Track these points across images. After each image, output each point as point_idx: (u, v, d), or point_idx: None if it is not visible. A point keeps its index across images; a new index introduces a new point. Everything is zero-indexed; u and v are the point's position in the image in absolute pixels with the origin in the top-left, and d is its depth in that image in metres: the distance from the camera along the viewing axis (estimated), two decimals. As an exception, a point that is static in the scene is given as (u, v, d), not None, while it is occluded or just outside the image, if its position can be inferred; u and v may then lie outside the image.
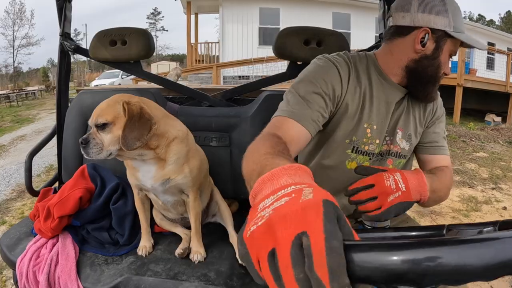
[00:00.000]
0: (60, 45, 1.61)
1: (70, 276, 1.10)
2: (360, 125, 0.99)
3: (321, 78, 0.93)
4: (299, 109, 0.89)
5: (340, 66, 0.96)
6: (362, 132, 0.99)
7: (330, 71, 0.95)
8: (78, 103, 1.57)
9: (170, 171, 1.12)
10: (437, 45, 0.92)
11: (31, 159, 1.52)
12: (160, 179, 1.11)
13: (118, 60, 1.57)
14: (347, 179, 0.97)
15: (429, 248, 0.34)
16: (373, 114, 0.99)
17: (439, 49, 0.93)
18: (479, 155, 5.45)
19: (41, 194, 1.45)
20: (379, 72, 1.00)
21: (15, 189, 4.04)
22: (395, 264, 0.33)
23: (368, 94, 0.99)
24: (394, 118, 1.04)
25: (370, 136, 1.00)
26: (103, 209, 1.30)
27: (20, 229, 1.33)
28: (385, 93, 1.00)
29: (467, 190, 3.87)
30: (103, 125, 1.03)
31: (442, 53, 0.93)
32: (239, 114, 1.49)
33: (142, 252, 1.18)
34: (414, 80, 0.97)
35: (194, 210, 1.19)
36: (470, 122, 7.73)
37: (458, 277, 0.34)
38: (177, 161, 1.12)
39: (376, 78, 1.00)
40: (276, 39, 1.48)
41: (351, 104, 0.97)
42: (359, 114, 0.99)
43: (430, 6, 0.90)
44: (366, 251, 0.34)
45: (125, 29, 1.54)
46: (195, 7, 12.59)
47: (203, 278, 1.08)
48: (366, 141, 1.01)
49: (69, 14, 1.62)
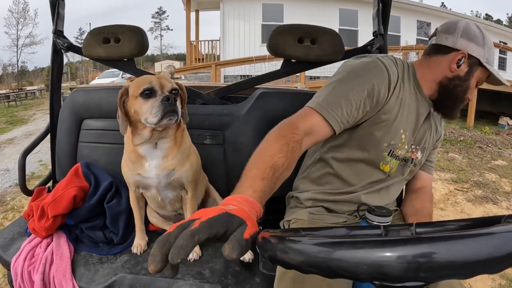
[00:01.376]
0: (53, 43, 1.60)
1: (65, 276, 1.10)
2: (398, 130, 1.04)
3: (369, 79, 0.96)
4: (332, 106, 0.92)
5: (391, 70, 0.99)
6: (399, 137, 1.05)
7: (380, 74, 0.98)
8: (71, 101, 1.56)
9: (177, 161, 1.14)
10: (470, 69, 1.01)
11: (24, 158, 1.51)
12: (166, 169, 1.13)
13: (112, 58, 1.56)
14: (377, 178, 1.09)
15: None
16: (409, 121, 1.06)
17: (470, 73, 1.02)
18: (498, 163, 5.28)
19: (35, 194, 1.45)
20: (416, 82, 1.06)
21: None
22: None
23: (406, 101, 1.04)
24: (422, 131, 1.11)
25: (404, 142, 1.06)
26: (97, 208, 1.30)
27: (14, 228, 1.33)
28: (417, 104, 1.06)
29: (492, 208, 3.57)
30: (177, 92, 1.10)
31: (472, 78, 1.02)
32: (232, 112, 1.49)
33: (137, 250, 1.19)
34: (444, 95, 1.05)
35: (191, 207, 1.20)
36: (484, 126, 7.67)
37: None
38: (184, 151, 1.16)
39: (413, 88, 1.06)
40: (270, 37, 1.48)
41: (393, 108, 1.01)
42: (398, 118, 1.03)
43: (472, 35, 1.00)
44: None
45: (118, 26, 1.53)
46: (195, 4, 12.28)
47: (197, 276, 1.09)
48: (401, 146, 1.07)
49: (62, 11, 1.60)
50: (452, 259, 0.38)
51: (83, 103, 1.54)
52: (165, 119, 1.02)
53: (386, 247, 0.40)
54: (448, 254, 0.38)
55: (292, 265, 0.47)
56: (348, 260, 0.41)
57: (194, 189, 1.21)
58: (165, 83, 1.08)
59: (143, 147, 1.11)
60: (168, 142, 1.13)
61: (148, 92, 1.04)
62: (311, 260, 0.45)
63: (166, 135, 1.12)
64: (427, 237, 0.40)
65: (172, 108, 1.02)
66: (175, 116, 1.03)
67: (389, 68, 0.99)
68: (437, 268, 0.38)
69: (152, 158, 1.12)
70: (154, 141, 1.11)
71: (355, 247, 0.42)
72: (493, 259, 0.38)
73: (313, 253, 0.44)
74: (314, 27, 1.51)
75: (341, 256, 0.42)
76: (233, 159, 1.47)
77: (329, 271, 0.43)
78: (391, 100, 1.00)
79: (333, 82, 0.97)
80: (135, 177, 1.15)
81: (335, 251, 0.42)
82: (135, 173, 1.15)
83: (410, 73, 1.07)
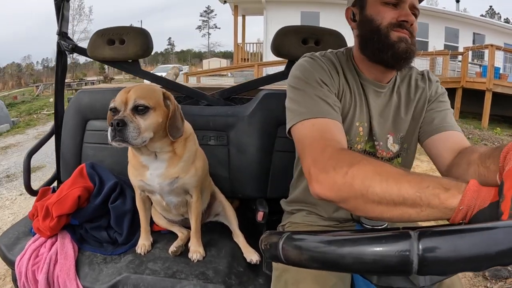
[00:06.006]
0: (57, 44, 1.61)
1: (69, 275, 1.11)
2: (353, 123, 0.96)
3: (314, 78, 0.89)
4: (317, 106, 0.85)
5: (326, 64, 0.93)
6: (355, 131, 0.97)
7: (320, 70, 0.91)
8: (76, 102, 1.57)
9: (180, 169, 1.11)
10: (361, 7, 0.93)
11: (29, 159, 1.52)
12: (169, 178, 1.11)
13: (116, 59, 1.57)
14: None
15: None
16: (363, 112, 0.97)
17: (363, 8, 0.92)
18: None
19: (39, 194, 1.45)
20: (356, 68, 0.98)
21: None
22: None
23: (355, 90, 0.96)
24: (382, 122, 0.99)
25: (362, 135, 0.98)
26: (101, 208, 1.31)
27: (19, 228, 1.33)
28: (365, 90, 0.97)
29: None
30: (145, 108, 0.97)
31: (367, 9, 0.91)
32: (237, 113, 1.49)
33: (141, 250, 1.19)
34: (366, 50, 0.93)
35: (196, 210, 1.19)
36: (496, 127, 7.75)
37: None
38: (188, 159, 1.13)
39: (356, 75, 0.98)
40: (274, 38, 1.48)
41: (345, 102, 0.94)
42: (351, 112, 0.95)
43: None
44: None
45: (123, 28, 1.54)
46: (242, 10, 13.82)
47: (201, 277, 1.08)
48: (359, 140, 0.98)
49: (67, 13, 1.61)
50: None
51: (88, 104, 1.55)
52: (114, 143, 0.95)
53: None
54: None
55: (301, 263, 0.48)
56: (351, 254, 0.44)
57: (199, 194, 1.20)
58: (130, 100, 0.98)
59: (143, 157, 1.09)
60: (167, 153, 1.09)
61: (113, 110, 1.00)
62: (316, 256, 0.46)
63: (161, 148, 1.07)
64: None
65: (117, 135, 0.94)
66: (122, 143, 0.95)
67: (325, 62, 0.93)
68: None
69: (154, 168, 1.10)
70: (151, 153, 1.07)
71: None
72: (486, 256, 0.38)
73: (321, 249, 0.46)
74: (318, 28, 1.51)
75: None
76: (238, 160, 1.47)
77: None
78: (339, 94, 0.93)
79: (295, 95, 0.89)
80: (139, 182, 1.15)
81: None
82: (138, 179, 1.14)
83: (350, 62, 0.98)
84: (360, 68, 0.98)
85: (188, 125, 1.17)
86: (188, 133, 1.14)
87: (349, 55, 1.00)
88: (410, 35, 0.88)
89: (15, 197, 3.73)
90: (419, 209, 0.55)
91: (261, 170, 1.46)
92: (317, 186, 0.68)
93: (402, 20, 0.87)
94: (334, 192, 0.65)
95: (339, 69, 0.95)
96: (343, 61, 0.98)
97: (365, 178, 0.61)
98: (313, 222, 1.10)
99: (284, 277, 0.95)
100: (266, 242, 0.54)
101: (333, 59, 0.96)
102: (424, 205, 0.55)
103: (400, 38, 0.87)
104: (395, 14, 0.87)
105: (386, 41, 0.87)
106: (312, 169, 0.71)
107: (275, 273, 1.00)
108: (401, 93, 1.01)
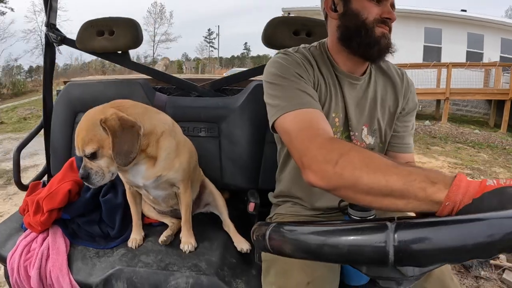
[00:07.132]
0: (45, 36, 1.57)
1: (61, 270, 1.10)
2: (329, 114, 0.97)
3: (291, 73, 0.90)
4: (298, 98, 0.85)
5: (303, 60, 0.94)
6: (331, 122, 0.97)
7: (296, 64, 0.92)
8: (66, 94, 1.55)
9: (161, 168, 1.10)
10: (345, 1, 0.92)
11: (19, 153, 1.51)
12: (152, 178, 1.10)
13: (106, 51, 1.55)
14: None
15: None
16: (338, 103, 0.98)
17: (348, 1, 0.91)
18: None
19: (30, 188, 1.44)
20: (330, 61, 0.99)
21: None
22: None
23: (330, 82, 0.97)
24: (358, 113, 1.01)
25: (338, 125, 0.99)
26: (92, 202, 1.30)
27: (10, 224, 1.32)
28: (340, 82, 0.99)
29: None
30: (93, 154, 0.98)
31: (352, 2, 0.91)
32: (228, 105, 1.48)
33: (133, 244, 1.19)
34: (350, 42, 0.93)
35: (185, 200, 1.19)
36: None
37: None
38: (168, 156, 1.10)
39: (330, 68, 0.99)
40: (265, 29, 1.47)
41: (320, 94, 0.95)
42: (328, 103, 0.97)
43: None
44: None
45: (112, 19, 1.51)
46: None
47: (194, 268, 1.09)
48: (335, 131, 0.99)
49: (55, 4, 1.57)
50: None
51: (78, 96, 1.53)
52: (92, 186, 1.03)
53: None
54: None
55: (286, 252, 0.50)
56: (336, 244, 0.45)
57: (188, 185, 1.20)
58: (80, 148, 0.98)
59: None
60: (142, 159, 1.07)
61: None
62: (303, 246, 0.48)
63: (138, 159, 1.04)
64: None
65: (88, 183, 1.01)
66: (96, 184, 1.01)
67: (298, 56, 0.94)
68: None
69: (134, 171, 1.09)
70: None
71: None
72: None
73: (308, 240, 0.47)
74: (310, 19, 1.50)
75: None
76: (229, 151, 1.47)
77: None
78: (315, 86, 0.94)
79: (271, 91, 0.91)
80: (125, 179, 1.16)
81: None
82: (124, 177, 1.14)
83: (324, 55, 1.00)
84: (335, 60, 0.99)
85: (159, 121, 1.10)
86: (159, 132, 1.08)
87: (323, 47, 1.02)
88: (389, 31, 0.92)
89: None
90: (406, 201, 0.57)
91: (252, 161, 1.46)
92: (310, 174, 0.70)
93: (386, 17, 0.90)
94: (326, 181, 0.67)
95: (313, 62, 0.97)
96: (317, 55, 0.99)
97: (354, 169, 0.63)
98: (297, 212, 1.12)
99: (273, 268, 0.96)
100: (256, 233, 0.55)
101: (307, 53, 0.98)
102: (411, 198, 0.56)
103: (383, 33, 0.90)
104: (379, 10, 0.90)
105: (372, 35, 0.90)
106: (304, 159, 0.72)
107: (264, 264, 1.01)
108: (377, 87, 1.04)
